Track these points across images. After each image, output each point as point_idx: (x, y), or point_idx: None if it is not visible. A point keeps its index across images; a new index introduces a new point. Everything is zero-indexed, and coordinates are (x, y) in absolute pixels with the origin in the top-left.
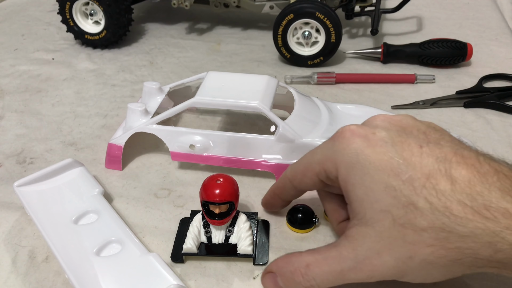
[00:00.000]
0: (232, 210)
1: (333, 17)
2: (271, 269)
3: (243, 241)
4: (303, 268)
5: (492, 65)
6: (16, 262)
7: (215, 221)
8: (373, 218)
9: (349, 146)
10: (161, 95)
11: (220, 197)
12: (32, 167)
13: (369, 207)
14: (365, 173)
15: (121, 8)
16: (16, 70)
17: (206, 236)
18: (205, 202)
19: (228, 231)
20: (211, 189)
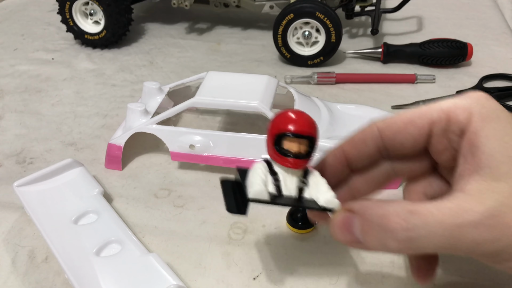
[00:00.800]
0: (312, 152)
1: (333, 17)
2: (352, 207)
3: (325, 193)
4: (404, 214)
5: (492, 65)
6: (15, 262)
7: (290, 160)
8: (507, 174)
9: (488, 102)
10: (161, 95)
11: (303, 127)
12: (31, 167)
13: (504, 161)
14: (504, 129)
15: (121, 8)
16: (16, 70)
17: (274, 184)
18: (281, 136)
19: (302, 182)
20: (290, 118)
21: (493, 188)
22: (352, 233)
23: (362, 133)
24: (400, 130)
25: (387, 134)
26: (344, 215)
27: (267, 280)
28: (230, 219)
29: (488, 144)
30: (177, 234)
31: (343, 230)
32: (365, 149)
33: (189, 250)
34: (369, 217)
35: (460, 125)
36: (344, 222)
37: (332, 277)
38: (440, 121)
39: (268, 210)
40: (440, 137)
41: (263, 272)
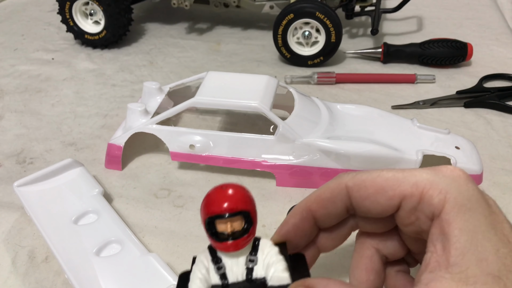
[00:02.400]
0: (250, 226)
1: (333, 17)
2: (313, 286)
3: (275, 266)
4: None
5: (492, 65)
6: (15, 262)
7: (228, 243)
8: (476, 278)
9: (466, 186)
10: (161, 95)
11: (230, 204)
12: (31, 167)
13: (475, 264)
14: (479, 225)
15: (121, 8)
16: (16, 70)
17: (218, 274)
18: (210, 220)
19: (249, 261)
20: (215, 198)
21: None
22: None
23: (330, 192)
24: (369, 197)
25: (355, 196)
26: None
27: None
28: None
29: (461, 240)
30: (177, 234)
31: None
32: (334, 208)
33: (189, 250)
34: None
35: (432, 208)
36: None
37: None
38: (411, 197)
39: (268, 210)
40: (408, 213)
41: None
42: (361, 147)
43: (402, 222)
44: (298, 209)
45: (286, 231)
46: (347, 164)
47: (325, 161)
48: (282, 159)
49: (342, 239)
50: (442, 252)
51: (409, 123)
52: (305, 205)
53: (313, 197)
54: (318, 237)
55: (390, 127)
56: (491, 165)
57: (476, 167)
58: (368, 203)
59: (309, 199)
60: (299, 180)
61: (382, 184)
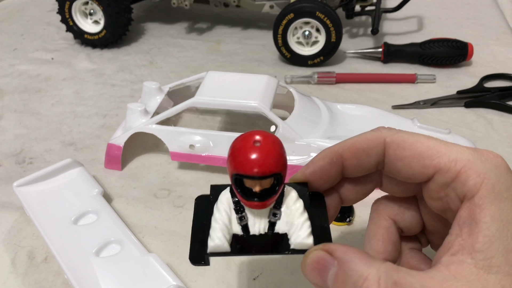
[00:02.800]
0: (279, 186)
1: (333, 16)
2: (333, 250)
3: (299, 230)
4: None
5: (492, 65)
6: (15, 262)
7: (254, 203)
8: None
9: (506, 175)
10: (161, 95)
11: (262, 168)
12: (31, 167)
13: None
14: (509, 213)
15: (120, 7)
16: (16, 70)
17: (240, 224)
18: (238, 176)
19: (272, 216)
20: (246, 154)
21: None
22: (324, 278)
23: (366, 143)
24: (404, 159)
25: (390, 154)
26: (322, 255)
27: (267, 281)
28: None
29: (491, 228)
30: (177, 234)
31: (314, 270)
32: (366, 160)
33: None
34: (348, 270)
35: (466, 189)
36: (319, 263)
37: None
38: (447, 172)
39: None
40: (439, 187)
41: (263, 272)
42: None
43: (430, 195)
44: (328, 153)
45: (311, 172)
46: None
47: None
48: None
49: (365, 193)
50: (468, 236)
51: (409, 123)
52: (337, 151)
53: (347, 144)
54: (341, 186)
55: None
56: None
57: None
58: (400, 165)
59: (342, 145)
60: None
61: (420, 150)
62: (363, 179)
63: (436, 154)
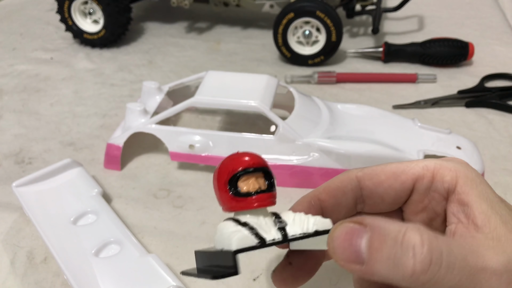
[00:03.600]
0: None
1: (333, 16)
2: (361, 220)
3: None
4: (428, 234)
5: (493, 64)
6: (14, 263)
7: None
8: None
9: (471, 168)
10: (160, 95)
11: (254, 159)
12: (30, 167)
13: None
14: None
15: (120, 7)
16: (15, 69)
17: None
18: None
19: (278, 222)
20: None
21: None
22: (356, 248)
23: (340, 181)
24: (382, 183)
25: (367, 185)
26: (351, 226)
27: (268, 281)
28: None
29: (483, 206)
30: (176, 235)
31: (345, 242)
32: (343, 199)
33: (189, 251)
34: (383, 231)
35: (446, 185)
36: (349, 233)
37: (333, 278)
38: (423, 178)
39: None
40: (423, 195)
41: (263, 273)
42: (362, 147)
43: (414, 209)
44: (306, 197)
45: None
46: (347, 164)
47: (325, 161)
48: (282, 159)
49: None
50: (466, 220)
51: (410, 123)
52: (314, 194)
53: (322, 187)
54: None
55: (391, 127)
56: (493, 165)
57: (477, 167)
58: (381, 190)
59: (318, 188)
60: (299, 180)
61: (393, 170)
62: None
63: (407, 168)
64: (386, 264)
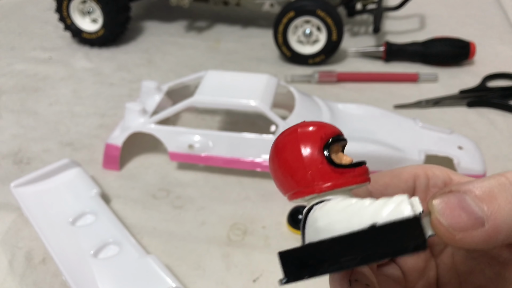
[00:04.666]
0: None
1: (334, 14)
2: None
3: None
4: None
5: (495, 64)
6: (12, 263)
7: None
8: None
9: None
10: (160, 94)
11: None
12: (28, 168)
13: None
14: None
15: (118, 6)
16: (13, 69)
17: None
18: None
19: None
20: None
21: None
22: (470, 209)
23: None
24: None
25: (376, 188)
26: (447, 195)
27: (267, 282)
28: (229, 220)
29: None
30: (175, 236)
31: (454, 212)
32: None
33: (188, 252)
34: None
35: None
36: (451, 201)
37: None
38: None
39: (269, 211)
40: (424, 193)
41: (263, 274)
42: (363, 147)
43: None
44: None
45: None
46: None
47: None
48: None
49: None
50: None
51: (411, 123)
52: None
53: None
54: None
55: (392, 127)
56: (495, 165)
57: (479, 167)
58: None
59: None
60: None
61: (393, 173)
62: None
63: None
64: (509, 209)
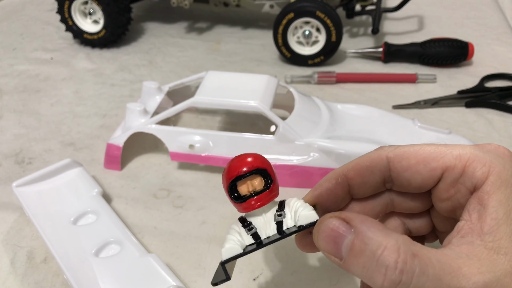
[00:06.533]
0: (271, 183)
1: (333, 16)
2: (350, 219)
3: (302, 210)
4: (406, 253)
5: (493, 64)
6: (14, 263)
7: (252, 200)
8: (508, 249)
9: (509, 165)
10: (160, 95)
11: (247, 165)
12: (30, 167)
13: (509, 236)
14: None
15: (120, 7)
16: (15, 69)
17: (250, 234)
18: (232, 183)
19: (277, 216)
20: (232, 165)
21: (493, 260)
22: (339, 247)
23: (369, 160)
24: (411, 167)
25: (396, 167)
26: (338, 223)
27: (267, 281)
28: (230, 219)
29: (499, 211)
30: (176, 235)
31: (329, 238)
32: (371, 177)
33: (189, 251)
34: (366, 239)
35: (474, 180)
36: (334, 230)
37: (333, 278)
38: (453, 169)
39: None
40: (449, 185)
41: (263, 272)
42: (362, 147)
43: (440, 196)
44: (333, 174)
45: (318, 193)
46: None
47: (325, 161)
48: (282, 159)
49: (375, 215)
50: (477, 221)
51: (410, 123)
52: (342, 171)
53: (351, 165)
54: (351, 209)
55: (391, 127)
56: None
57: None
58: (408, 174)
59: (346, 166)
60: (299, 180)
61: (424, 156)
62: (372, 200)
63: (439, 155)
64: (360, 271)
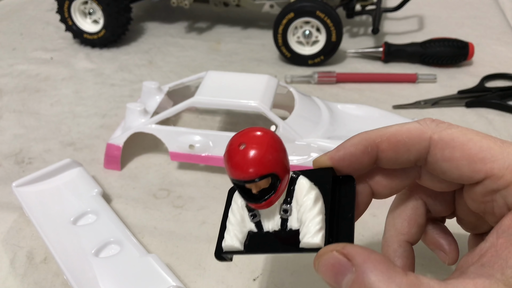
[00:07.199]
0: (279, 183)
1: (333, 16)
2: (352, 256)
3: (306, 227)
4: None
5: (494, 64)
6: (14, 263)
7: (257, 204)
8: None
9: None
10: (160, 95)
11: (247, 172)
12: (30, 167)
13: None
14: None
15: (120, 7)
16: (14, 69)
17: (253, 222)
18: (233, 181)
19: (283, 212)
20: (231, 160)
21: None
22: (338, 281)
23: (408, 136)
24: (453, 160)
25: (436, 154)
26: (338, 259)
27: (267, 281)
28: None
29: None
30: (176, 235)
31: (329, 272)
32: (406, 156)
33: (189, 251)
34: (366, 282)
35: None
36: (335, 266)
37: None
38: (499, 179)
39: None
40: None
41: (263, 273)
42: None
43: (473, 197)
44: (363, 140)
45: (340, 157)
46: None
47: None
48: None
49: (400, 188)
50: (503, 248)
51: None
52: (374, 139)
53: (387, 134)
54: (373, 178)
55: None
56: None
57: None
58: (447, 166)
59: (381, 133)
60: None
61: (472, 152)
62: (399, 172)
63: (489, 158)
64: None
